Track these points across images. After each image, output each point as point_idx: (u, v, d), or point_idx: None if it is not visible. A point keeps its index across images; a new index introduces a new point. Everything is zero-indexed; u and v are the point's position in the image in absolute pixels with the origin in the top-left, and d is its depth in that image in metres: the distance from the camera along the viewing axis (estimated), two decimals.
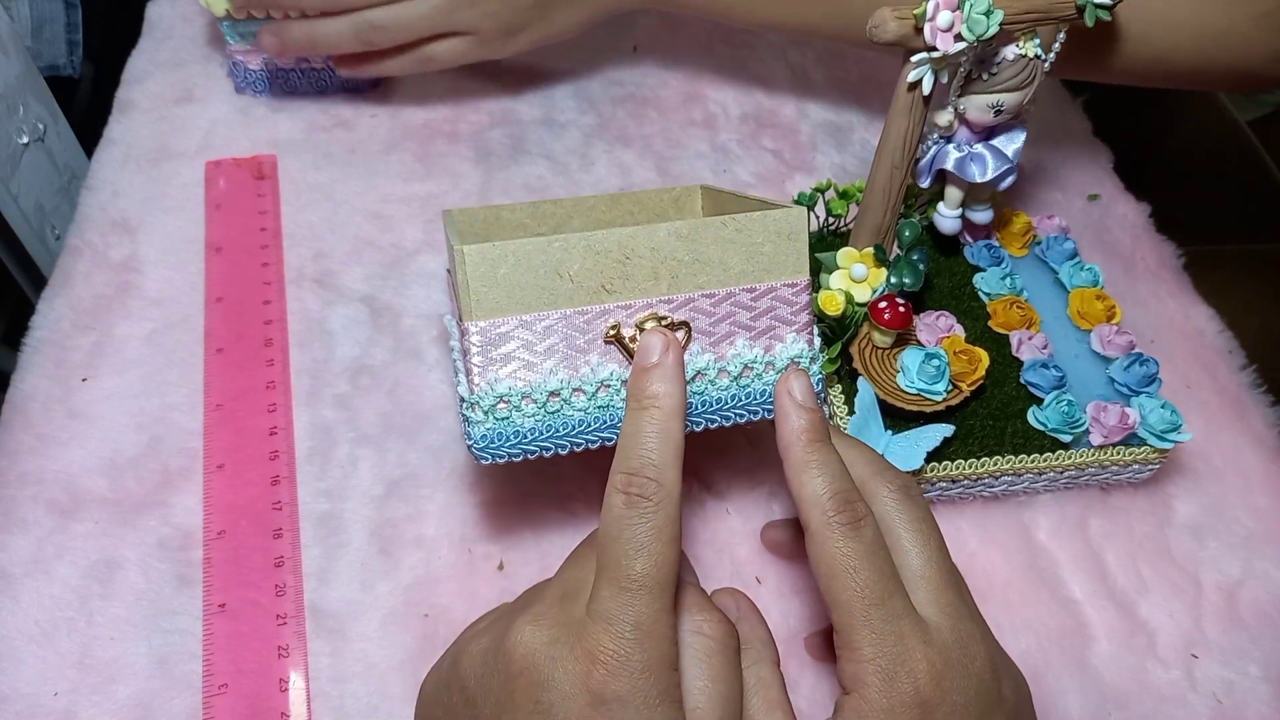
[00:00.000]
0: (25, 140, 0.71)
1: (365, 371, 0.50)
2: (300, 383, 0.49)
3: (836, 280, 0.46)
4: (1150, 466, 0.46)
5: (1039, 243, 0.53)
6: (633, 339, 0.36)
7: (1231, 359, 0.54)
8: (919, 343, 0.47)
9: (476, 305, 0.34)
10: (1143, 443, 0.45)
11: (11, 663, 0.40)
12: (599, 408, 0.36)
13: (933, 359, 0.44)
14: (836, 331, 0.45)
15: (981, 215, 0.51)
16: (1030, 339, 0.47)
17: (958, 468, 0.44)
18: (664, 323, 0.36)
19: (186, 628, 0.41)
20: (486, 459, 0.35)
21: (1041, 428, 0.45)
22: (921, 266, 0.45)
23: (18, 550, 0.43)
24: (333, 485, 0.46)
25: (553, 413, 0.36)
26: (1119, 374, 0.46)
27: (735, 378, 0.38)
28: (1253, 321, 0.58)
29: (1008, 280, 0.50)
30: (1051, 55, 0.45)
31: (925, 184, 0.49)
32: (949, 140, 0.48)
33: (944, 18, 0.38)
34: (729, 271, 0.37)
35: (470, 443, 0.36)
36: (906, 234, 0.46)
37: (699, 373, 0.37)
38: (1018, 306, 0.49)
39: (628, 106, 0.64)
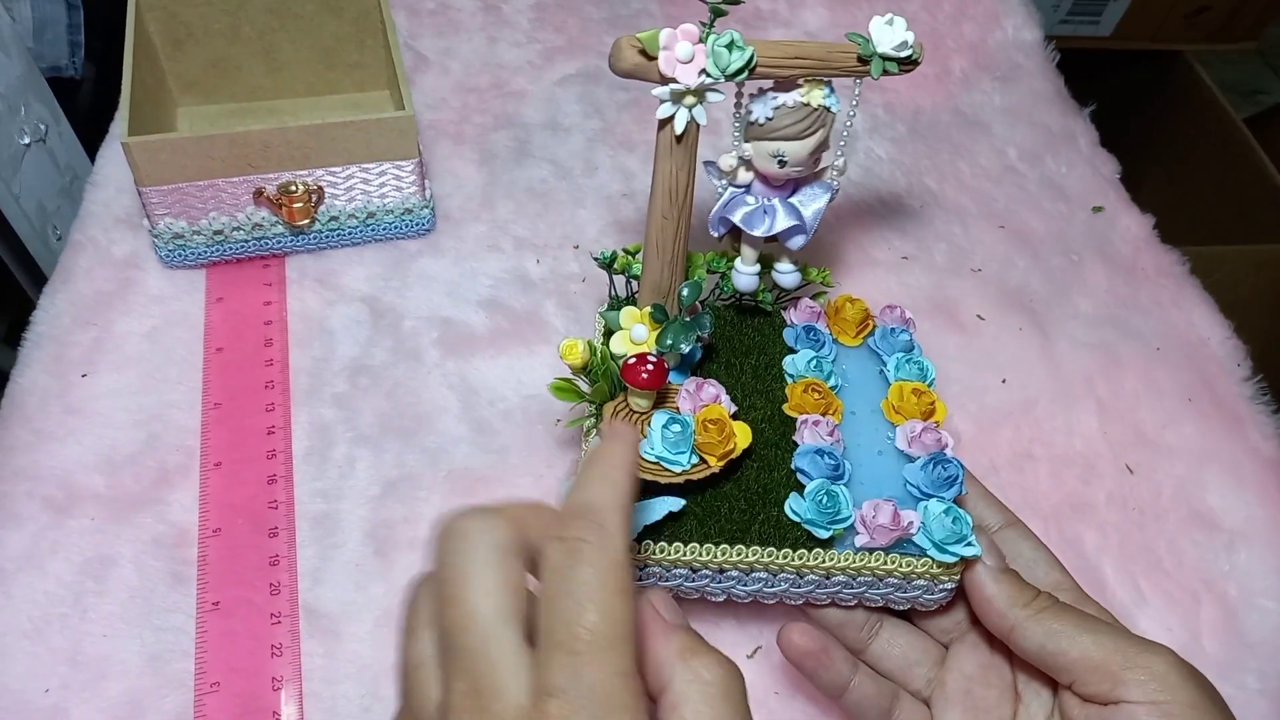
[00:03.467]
0: (27, 141, 0.71)
1: (364, 372, 0.50)
2: (299, 382, 0.49)
3: (616, 343, 0.41)
4: (942, 586, 0.38)
5: (874, 333, 0.46)
6: (274, 196, 0.51)
7: (1238, 370, 0.54)
8: (676, 409, 0.41)
9: (145, 177, 0.49)
10: (922, 553, 0.37)
11: (3, 658, 0.40)
12: (257, 239, 0.53)
13: (674, 424, 0.38)
14: (597, 383, 0.40)
15: (787, 278, 0.45)
16: (816, 425, 0.40)
17: (683, 551, 0.37)
18: (301, 187, 0.51)
19: (180, 625, 0.41)
20: (173, 262, 0.53)
21: (796, 519, 0.38)
22: (700, 331, 0.40)
23: (12, 546, 0.43)
24: (329, 485, 0.46)
25: (220, 241, 0.52)
26: (914, 474, 0.39)
27: (363, 220, 0.54)
28: (1253, 323, 0.58)
29: (815, 364, 0.43)
30: (854, 109, 0.41)
31: (715, 234, 0.44)
32: (746, 190, 0.43)
33: (683, 49, 0.35)
34: (352, 155, 0.51)
35: (160, 257, 0.53)
36: (685, 293, 0.40)
37: (333, 218, 0.53)
38: (815, 390, 0.42)
39: (632, 112, 0.64)
